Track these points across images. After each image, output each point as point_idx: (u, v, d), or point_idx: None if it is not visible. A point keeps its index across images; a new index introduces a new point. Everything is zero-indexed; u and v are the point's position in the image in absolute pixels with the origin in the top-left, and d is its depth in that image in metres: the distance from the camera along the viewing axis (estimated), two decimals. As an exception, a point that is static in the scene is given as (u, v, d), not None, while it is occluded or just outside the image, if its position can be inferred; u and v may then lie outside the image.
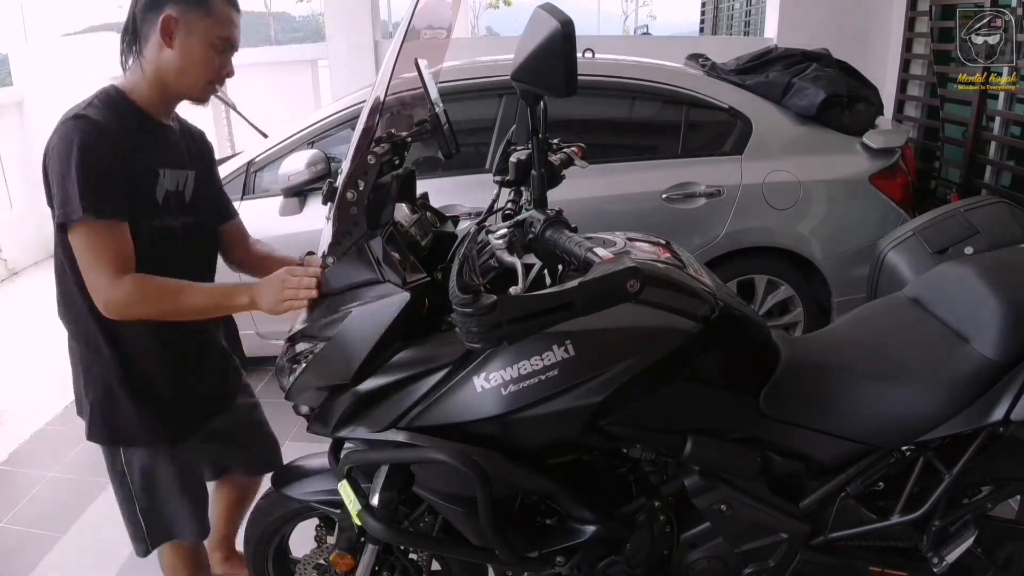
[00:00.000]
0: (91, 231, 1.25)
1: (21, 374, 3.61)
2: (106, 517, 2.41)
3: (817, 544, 1.37)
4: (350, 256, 1.24)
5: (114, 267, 1.26)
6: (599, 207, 2.77)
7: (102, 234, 1.25)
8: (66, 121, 1.27)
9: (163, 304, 1.30)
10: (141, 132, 1.35)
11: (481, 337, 0.94)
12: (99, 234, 1.25)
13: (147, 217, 1.35)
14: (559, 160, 1.39)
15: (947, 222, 2.15)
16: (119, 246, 1.27)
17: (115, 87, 1.36)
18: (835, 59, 3.19)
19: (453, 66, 2.90)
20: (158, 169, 1.36)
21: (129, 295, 1.27)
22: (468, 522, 1.28)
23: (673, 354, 1.20)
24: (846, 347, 1.46)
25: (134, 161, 1.31)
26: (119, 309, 1.29)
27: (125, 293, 1.27)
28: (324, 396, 1.28)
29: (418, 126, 1.46)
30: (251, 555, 1.66)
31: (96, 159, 1.24)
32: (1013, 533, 1.53)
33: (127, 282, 1.26)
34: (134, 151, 1.31)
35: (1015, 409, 1.27)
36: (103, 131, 1.26)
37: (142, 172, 1.33)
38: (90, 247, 1.26)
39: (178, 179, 1.42)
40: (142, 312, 1.31)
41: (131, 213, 1.29)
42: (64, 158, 1.23)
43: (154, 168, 1.36)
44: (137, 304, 1.28)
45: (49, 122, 1.30)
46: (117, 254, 1.26)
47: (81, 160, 1.22)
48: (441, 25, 1.52)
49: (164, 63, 1.33)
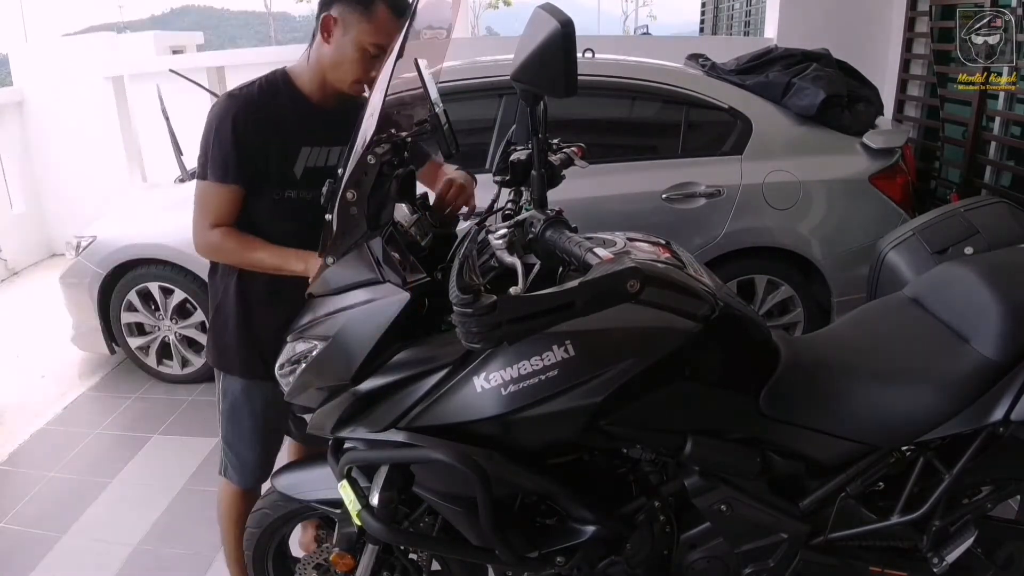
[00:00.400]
0: (203, 188, 1.50)
1: (21, 374, 3.61)
2: (106, 517, 2.42)
3: (817, 544, 1.37)
4: (350, 256, 1.24)
5: (209, 220, 1.49)
6: (599, 207, 2.77)
7: (209, 192, 1.49)
8: (221, 96, 1.52)
9: (233, 257, 1.53)
10: (293, 112, 1.51)
11: (481, 337, 0.94)
12: (207, 192, 1.49)
13: (280, 186, 1.51)
14: (559, 160, 1.39)
15: (947, 222, 2.15)
16: (219, 205, 1.49)
17: (284, 70, 1.55)
18: (835, 59, 3.19)
19: (453, 66, 2.90)
20: (301, 147, 1.51)
21: (211, 244, 1.51)
22: (468, 522, 1.28)
23: (673, 354, 1.20)
24: (846, 347, 1.46)
25: (275, 137, 1.48)
26: (204, 252, 1.56)
27: (208, 242, 1.51)
28: (324, 396, 1.28)
29: (418, 126, 1.46)
30: (251, 555, 1.66)
31: (224, 133, 1.45)
32: (1013, 533, 1.53)
33: (214, 234, 1.50)
34: (278, 128, 1.48)
35: (1015, 409, 1.27)
36: (242, 109, 1.46)
37: (281, 147, 1.49)
38: (198, 200, 1.51)
39: (325, 156, 1.54)
40: (220, 259, 1.58)
41: (258, 182, 1.49)
42: (206, 127, 1.49)
43: (296, 145, 1.51)
44: (215, 252, 1.55)
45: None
46: (214, 210, 1.49)
47: (212, 132, 1.46)
48: (441, 25, 1.52)
49: (322, 57, 1.47)
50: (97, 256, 3.21)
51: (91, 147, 5.41)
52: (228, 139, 1.44)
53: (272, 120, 1.47)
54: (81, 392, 3.36)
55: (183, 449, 2.80)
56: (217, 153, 1.45)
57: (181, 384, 3.35)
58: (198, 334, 3.26)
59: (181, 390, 3.30)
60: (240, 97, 1.48)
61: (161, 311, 3.25)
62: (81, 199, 5.20)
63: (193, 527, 2.33)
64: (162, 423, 3.02)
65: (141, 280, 3.21)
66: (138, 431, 2.97)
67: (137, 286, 3.22)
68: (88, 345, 3.47)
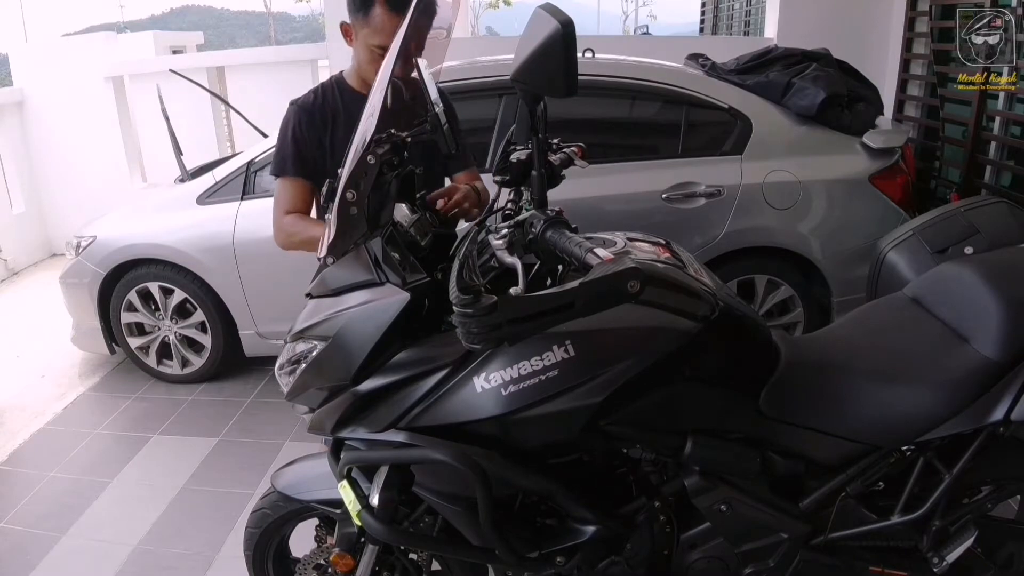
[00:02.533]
0: (278, 185, 1.73)
1: (21, 374, 3.61)
2: (106, 517, 2.42)
3: (817, 544, 1.37)
4: (350, 256, 1.24)
5: (282, 211, 1.70)
6: (599, 207, 2.77)
7: (280, 188, 1.72)
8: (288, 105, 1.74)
9: (295, 238, 1.69)
10: (348, 108, 1.68)
11: (481, 338, 0.94)
12: (277, 188, 1.73)
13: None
14: (559, 160, 1.39)
15: (947, 222, 2.15)
16: (289, 197, 1.71)
17: (340, 73, 1.76)
18: (835, 59, 3.19)
19: (453, 66, 2.91)
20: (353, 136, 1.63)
21: (283, 230, 1.70)
22: (468, 522, 1.28)
23: (673, 354, 1.20)
24: (846, 347, 1.46)
25: (331, 132, 1.69)
26: (278, 240, 1.73)
27: (281, 228, 1.71)
28: (324, 396, 1.28)
29: (418, 126, 1.45)
30: (251, 555, 1.66)
31: (285, 134, 1.69)
32: (1013, 533, 1.53)
33: (286, 220, 1.70)
34: (334, 124, 1.69)
35: (1015, 409, 1.27)
36: (301, 112, 1.69)
37: (340, 140, 1.64)
38: (275, 195, 1.73)
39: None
40: (290, 245, 1.72)
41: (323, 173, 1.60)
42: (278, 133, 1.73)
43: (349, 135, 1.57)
44: (288, 238, 1.70)
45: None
46: (285, 202, 1.71)
47: (279, 136, 1.72)
48: (441, 25, 1.52)
49: (355, 59, 1.69)
50: (97, 256, 3.22)
51: (91, 147, 5.41)
52: (288, 138, 1.68)
53: (327, 118, 1.69)
54: (81, 392, 3.37)
55: (183, 449, 2.81)
56: (279, 151, 1.70)
57: (181, 384, 3.35)
58: (198, 334, 3.26)
59: (181, 390, 3.30)
60: (298, 103, 1.72)
61: (161, 311, 3.25)
62: (81, 199, 5.20)
63: (193, 527, 2.33)
64: (162, 423, 3.02)
65: (141, 280, 3.21)
66: (138, 431, 2.97)
67: (137, 286, 3.22)
68: (88, 345, 3.47)
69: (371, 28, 1.54)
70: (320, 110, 1.70)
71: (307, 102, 1.71)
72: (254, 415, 3.02)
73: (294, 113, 1.70)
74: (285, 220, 1.70)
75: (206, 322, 3.21)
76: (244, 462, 2.68)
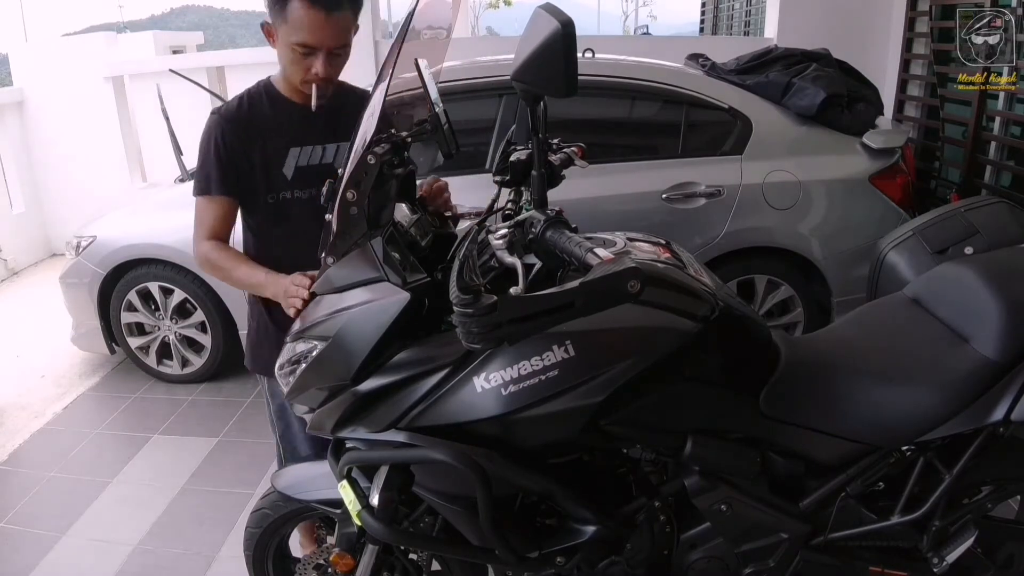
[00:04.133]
0: (197, 204, 1.57)
1: (21, 374, 3.61)
2: (106, 517, 2.42)
3: (817, 544, 1.37)
4: (350, 256, 1.24)
5: (201, 233, 1.56)
6: (599, 207, 2.77)
7: (199, 207, 1.56)
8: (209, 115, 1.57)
9: (216, 273, 1.57)
10: (277, 117, 1.56)
11: (481, 337, 0.94)
12: (198, 207, 1.57)
13: (272, 190, 1.56)
14: (559, 160, 1.39)
15: (947, 222, 2.15)
16: (208, 217, 1.55)
17: (268, 79, 1.60)
18: (835, 59, 3.19)
19: (453, 66, 2.90)
20: (289, 148, 1.55)
21: (203, 256, 1.56)
22: (468, 522, 1.28)
23: (673, 354, 1.20)
24: (846, 347, 1.46)
25: (258, 143, 1.54)
26: (200, 265, 1.59)
27: (201, 254, 1.56)
28: (324, 396, 1.28)
29: (418, 126, 1.45)
30: (251, 555, 1.66)
31: (207, 149, 1.53)
32: (1013, 533, 1.53)
33: (206, 246, 1.55)
34: (261, 134, 1.54)
35: (1015, 409, 1.27)
36: (224, 124, 1.53)
37: (267, 152, 1.54)
38: (196, 213, 1.57)
39: (319, 154, 1.58)
40: (211, 273, 1.58)
41: (249, 189, 1.55)
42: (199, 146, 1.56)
43: (284, 147, 1.55)
44: (207, 265, 1.57)
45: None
46: (208, 224, 1.55)
47: (200, 150, 1.55)
48: (441, 25, 1.52)
49: (278, 61, 1.53)
50: (97, 256, 3.22)
51: (91, 147, 5.41)
52: (211, 154, 1.53)
53: (254, 128, 1.54)
54: (81, 392, 3.37)
55: (183, 449, 2.81)
56: (201, 169, 1.55)
57: (181, 384, 3.35)
58: (198, 334, 3.26)
59: (181, 390, 3.30)
60: (222, 113, 1.55)
61: (161, 311, 3.25)
62: (81, 199, 5.19)
63: (193, 527, 2.33)
64: (162, 423, 3.02)
65: (141, 280, 3.21)
66: (138, 431, 2.97)
67: (137, 286, 3.23)
68: (88, 345, 3.47)
69: (290, 25, 1.42)
70: (247, 119, 1.54)
71: (231, 111, 1.55)
72: (254, 415, 3.02)
73: (216, 124, 1.53)
74: (207, 247, 1.55)
75: (206, 322, 3.22)
76: (244, 462, 2.68)
